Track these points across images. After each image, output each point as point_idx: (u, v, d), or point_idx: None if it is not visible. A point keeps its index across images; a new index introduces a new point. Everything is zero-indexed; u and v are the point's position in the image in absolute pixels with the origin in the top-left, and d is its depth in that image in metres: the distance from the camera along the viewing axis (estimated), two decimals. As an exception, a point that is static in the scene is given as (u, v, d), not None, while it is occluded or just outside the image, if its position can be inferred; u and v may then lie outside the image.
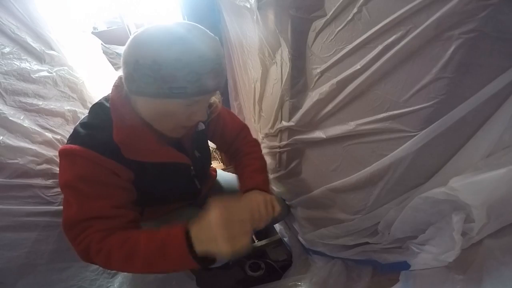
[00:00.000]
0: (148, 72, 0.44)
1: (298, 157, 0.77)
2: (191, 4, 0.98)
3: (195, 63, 0.44)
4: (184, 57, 0.43)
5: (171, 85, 0.44)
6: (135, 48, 0.45)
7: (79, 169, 0.48)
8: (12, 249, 0.58)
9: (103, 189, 0.50)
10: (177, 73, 0.43)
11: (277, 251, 1.06)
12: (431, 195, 0.42)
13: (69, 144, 0.50)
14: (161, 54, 0.43)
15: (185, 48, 0.44)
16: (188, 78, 0.44)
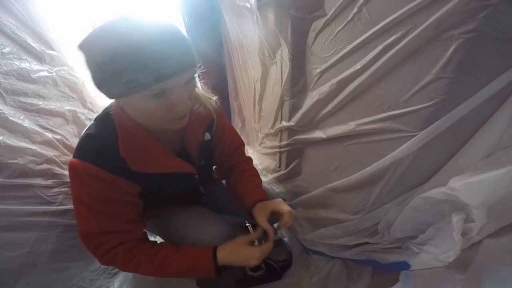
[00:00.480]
0: (101, 75, 0.42)
1: (298, 157, 0.77)
2: (191, 4, 0.98)
3: (133, 51, 0.40)
4: (120, 49, 0.40)
5: (122, 80, 0.41)
6: (84, 54, 0.43)
7: (90, 188, 0.50)
8: (12, 249, 0.58)
9: (114, 206, 0.52)
10: (120, 67, 0.40)
11: (277, 251, 1.06)
12: (431, 195, 0.42)
13: (78, 159, 0.49)
14: (101, 53, 0.41)
15: (119, 38, 0.40)
16: (133, 68, 0.40)
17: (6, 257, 0.56)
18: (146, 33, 0.41)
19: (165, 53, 0.42)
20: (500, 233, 0.38)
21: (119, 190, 0.52)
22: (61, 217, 0.68)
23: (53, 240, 0.65)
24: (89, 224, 0.52)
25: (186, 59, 0.45)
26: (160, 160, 0.56)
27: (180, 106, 0.47)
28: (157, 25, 0.43)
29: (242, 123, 1.26)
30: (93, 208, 0.51)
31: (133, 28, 0.41)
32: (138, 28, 0.41)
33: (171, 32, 0.43)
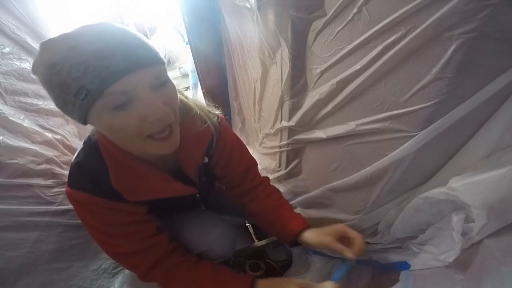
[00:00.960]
0: (53, 93, 0.38)
1: (298, 157, 0.77)
2: (191, 4, 0.98)
3: (70, 55, 0.35)
4: (57, 57, 0.36)
5: (71, 93, 0.36)
6: (37, 77, 0.41)
7: (98, 215, 0.48)
8: (12, 249, 0.58)
9: (128, 228, 0.51)
10: (62, 77, 0.36)
11: (277, 251, 1.06)
12: (431, 195, 0.42)
13: (75, 190, 0.47)
14: (42, 69, 0.38)
15: (56, 48, 0.37)
16: (74, 73, 0.35)
17: (6, 257, 0.56)
18: (83, 34, 0.37)
19: (107, 50, 0.36)
20: (500, 233, 0.38)
21: (126, 214, 0.50)
22: (61, 217, 0.68)
23: (53, 240, 0.65)
24: (112, 246, 0.51)
25: (139, 54, 0.38)
26: (158, 186, 0.53)
27: (153, 114, 0.39)
28: (95, 26, 0.38)
29: (242, 123, 1.26)
30: (109, 233, 0.50)
31: (69, 35, 0.37)
32: (74, 33, 0.37)
33: (112, 30, 0.38)
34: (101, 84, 0.36)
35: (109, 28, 0.38)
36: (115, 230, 0.50)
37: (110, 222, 0.49)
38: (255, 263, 1.01)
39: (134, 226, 0.52)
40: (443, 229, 0.43)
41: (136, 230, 0.52)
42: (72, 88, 0.36)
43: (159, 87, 0.40)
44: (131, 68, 0.37)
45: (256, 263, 1.01)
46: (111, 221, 0.49)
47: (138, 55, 0.38)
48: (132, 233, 0.51)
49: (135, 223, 0.52)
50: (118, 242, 0.50)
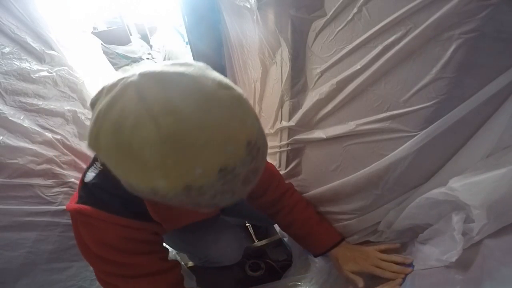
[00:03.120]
0: (154, 198, 0.30)
1: (298, 157, 0.77)
2: (191, 4, 0.98)
3: (220, 182, 0.28)
4: (199, 181, 0.27)
5: (193, 206, 0.32)
6: (111, 165, 0.29)
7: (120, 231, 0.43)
8: (12, 249, 0.58)
9: (146, 245, 0.47)
10: (195, 201, 0.30)
11: (277, 251, 1.06)
12: (431, 195, 0.42)
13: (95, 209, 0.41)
14: (159, 186, 0.27)
15: (191, 162, 0.26)
16: (216, 201, 0.30)
17: (6, 257, 0.56)
18: (235, 149, 0.27)
19: (257, 170, 0.33)
20: (500, 233, 0.38)
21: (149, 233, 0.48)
22: (61, 217, 0.67)
23: (53, 240, 0.65)
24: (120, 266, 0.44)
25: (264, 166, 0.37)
26: (191, 212, 0.53)
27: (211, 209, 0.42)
28: (243, 130, 0.29)
29: (242, 123, 1.25)
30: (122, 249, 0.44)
31: (213, 138, 0.26)
32: (222, 137, 0.27)
33: (261, 136, 0.32)
34: (231, 203, 0.33)
35: (254, 132, 0.30)
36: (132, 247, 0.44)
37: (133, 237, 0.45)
38: (255, 263, 1.01)
39: (150, 245, 0.49)
40: (444, 229, 0.43)
41: (152, 249, 0.49)
42: (199, 205, 0.31)
43: None
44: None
45: (256, 263, 1.01)
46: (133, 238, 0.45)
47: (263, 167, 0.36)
48: (148, 252, 0.47)
49: (155, 244, 0.50)
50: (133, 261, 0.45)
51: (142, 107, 0.25)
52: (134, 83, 0.26)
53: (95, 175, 0.44)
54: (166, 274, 0.48)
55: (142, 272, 0.46)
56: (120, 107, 0.26)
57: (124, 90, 0.26)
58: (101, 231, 0.43)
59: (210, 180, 0.27)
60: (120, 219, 0.43)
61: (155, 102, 0.25)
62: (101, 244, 0.43)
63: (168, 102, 0.25)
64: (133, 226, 0.44)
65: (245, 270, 0.99)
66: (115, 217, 0.42)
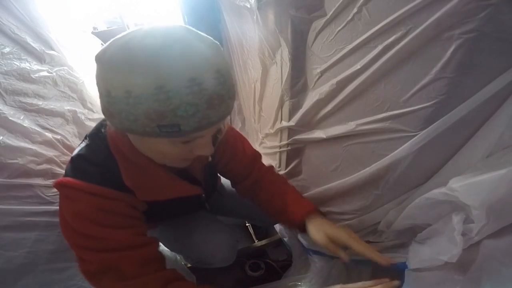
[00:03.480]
0: (125, 107, 0.33)
1: (298, 157, 0.77)
2: (191, 4, 0.98)
3: (187, 90, 0.32)
4: (170, 84, 0.31)
5: (158, 123, 0.34)
6: (103, 73, 0.35)
7: (96, 202, 0.44)
8: (12, 249, 0.57)
9: (121, 219, 0.47)
10: (162, 108, 0.32)
11: (277, 251, 1.06)
12: (431, 196, 0.42)
13: (75, 179, 0.43)
14: (136, 82, 0.32)
15: (168, 67, 0.32)
16: (180, 112, 0.33)
17: (6, 257, 0.56)
18: (205, 66, 0.34)
19: (218, 98, 0.35)
20: (501, 234, 0.38)
21: (126, 205, 0.48)
22: (61, 217, 0.67)
23: (53, 240, 0.65)
24: (96, 240, 0.44)
25: (230, 107, 0.39)
26: (167, 186, 0.53)
27: (203, 150, 0.42)
28: (213, 47, 0.36)
29: (242, 123, 1.26)
30: (96, 221, 0.44)
31: (195, 50, 0.33)
32: (196, 61, 0.33)
33: (227, 71, 0.36)
34: (195, 130, 0.36)
35: (225, 67, 0.36)
36: (104, 218, 0.44)
37: (109, 209, 0.45)
38: (255, 263, 1.01)
39: (131, 220, 0.49)
40: (441, 230, 0.43)
41: (127, 224, 0.48)
42: (164, 121, 0.34)
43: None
44: (222, 120, 0.39)
45: (256, 263, 1.01)
46: (109, 209, 0.45)
47: (229, 108, 0.39)
48: (122, 226, 0.47)
49: (133, 218, 0.49)
50: (105, 235, 0.44)
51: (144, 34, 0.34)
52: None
53: (80, 149, 0.48)
54: (140, 248, 0.47)
55: (115, 246, 0.45)
56: (130, 36, 0.35)
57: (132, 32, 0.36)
58: (78, 203, 0.44)
59: (179, 85, 0.32)
60: (96, 187, 0.44)
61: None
62: (77, 216, 0.44)
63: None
64: (108, 196, 0.45)
65: (245, 270, 0.99)
66: (91, 186, 0.43)
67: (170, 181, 0.53)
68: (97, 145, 0.47)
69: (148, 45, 0.33)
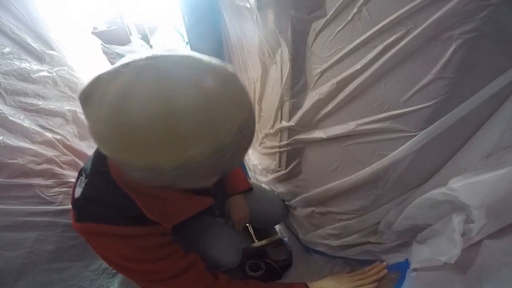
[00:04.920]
0: (145, 175, 0.32)
1: (298, 157, 0.77)
2: (191, 4, 0.98)
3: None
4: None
5: (175, 184, 0.35)
6: (122, 137, 0.29)
7: (131, 242, 0.45)
8: (12, 249, 0.58)
9: (162, 250, 0.49)
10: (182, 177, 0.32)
11: (277, 251, 1.06)
12: (431, 196, 0.42)
13: (99, 224, 0.42)
14: (159, 161, 0.29)
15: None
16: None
17: (6, 257, 0.56)
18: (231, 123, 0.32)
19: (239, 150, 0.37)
20: (501, 234, 0.38)
21: (154, 236, 0.48)
22: (61, 217, 0.68)
23: (53, 240, 0.65)
24: (153, 274, 0.47)
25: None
26: (186, 207, 0.54)
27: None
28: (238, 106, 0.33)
29: (242, 123, 1.25)
30: (142, 259, 0.46)
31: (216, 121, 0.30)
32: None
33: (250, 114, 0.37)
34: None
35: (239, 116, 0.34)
36: (148, 255, 0.46)
37: (141, 246, 0.46)
38: (255, 263, 1.01)
39: (166, 248, 0.50)
40: (443, 230, 0.43)
41: (169, 252, 0.50)
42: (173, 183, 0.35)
43: None
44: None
45: (256, 263, 1.01)
46: (142, 245, 0.46)
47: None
48: (166, 255, 0.49)
49: (166, 245, 0.50)
50: (153, 267, 0.47)
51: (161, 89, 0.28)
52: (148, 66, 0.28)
53: (83, 189, 0.45)
54: (191, 269, 0.51)
55: (169, 275, 0.48)
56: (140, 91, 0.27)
57: (138, 74, 0.28)
58: (116, 247, 0.44)
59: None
60: (125, 229, 0.44)
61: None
62: (122, 257, 0.45)
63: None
64: (140, 234, 0.45)
65: (245, 270, 0.99)
66: (119, 228, 0.43)
67: (187, 201, 0.54)
68: (103, 185, 0.44)
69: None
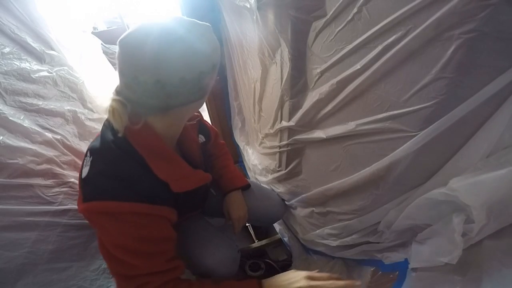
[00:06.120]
0: (152, 89, 0.41)
1: (298, 157, 0.77)
2: (191, 4, 0.98)
3: (200, 76, 0.43)
4: (188, 75, 0.41)
5: (176, 99, 0.43)
6: (131, 59, 0.40)
7: (129, 229, 0.45)
8: (12, 249, 0.58)
9: (157, 245, 0.49)
10: (181, 89, 0.42)
11: (277, 251, 1.06)
12: (431, 196, 0.42)
13: (104, 201, 0.44)
14: (165, 74, 0.40)
15: (188, 64, 0.41)
16: (194, 90, 0.44)
17: (6, 257, 0.56)
18: (209, 52, 0.44)
19: (216, 67, 0.47)
20: (501, 234, 0.38)
21: (159, 223, 0.49)
22: (61, 217, 0.68)
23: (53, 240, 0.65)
24: (129, 268, 0.47)
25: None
26: (190, 175, 0.56)
27: (198, 109, 0.54)
28: (212, 41, 0.46)
29: (242, 123, 1.26)
30: (135, 251, 0.46)
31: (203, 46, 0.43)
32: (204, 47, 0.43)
33: (218, 47, 0.47)
34: (201, 97, 0.48)
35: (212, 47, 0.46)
36: (143, 247, 0.47)
37: (141, 235, 0.46)
38: (255, 263, 1.01)
39: (162, 242, 0.50)
40: (443, 230, 0.43)
41: (163, 248, 0.50)
42: (174, 98, 0.43)
43: None
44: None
45: (256, 263, 1.01)
46: (142, 234, 0.46)
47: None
48: (158, 252, 0.49)
49: (163, 240, 0.51)
50: (139, 262, 0.47)
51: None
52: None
53: (90, 166, 0.47)
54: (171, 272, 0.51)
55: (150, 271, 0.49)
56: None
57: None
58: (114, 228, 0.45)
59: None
60: (127, 206, 0.44)
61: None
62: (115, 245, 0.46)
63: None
64: (145, 212, 0.46)
65: (245, 270, 0.99)
66: (121, 205, 0.44)
67: (191, 172, 0.56)
68: (112, 154, 0.47)
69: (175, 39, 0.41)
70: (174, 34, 0.40)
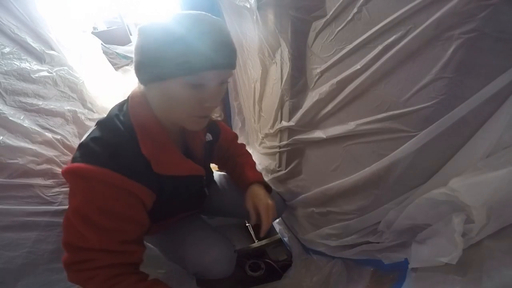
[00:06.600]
0: (154, 53, 0.44)
1: (298, 157, 0.77)
2: (191, 4, 0.98)
3: (195, 38, 0.44)
4: (182, 35, 0.44)
5: (176, 61, 0.44)
6: (140, 36, 0.46)
7: (98, 197, 0.45)
8: (12, 249, 0.57)
9: (119, 222, 0.48)
10: (179, 49, 0.43)
11: (277, 251, 1.06)
12: (431, 196, 0.42)
13: (85, 164, 0.44)
14: (162, 37, 0.44)
15: (184, 27, 0.45)
16: (190, 52, 0.44)
17: (6, 257, 0.56)
18: (210, 24, 0.47)
19: (221, 46, 0.46)
20: (501, 234, 0.38)
21: (127, 199, 0.48)
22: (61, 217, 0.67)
23: (53, 240, 0.65)
24: (81, 239, 0.47)
25: (233, 58, 0.49)
26: (178, 162, 0.56)
27: (211, 102, 0.48)
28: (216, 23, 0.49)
29: (242, 123, 1.26)
30: (93, 222, 0.45)
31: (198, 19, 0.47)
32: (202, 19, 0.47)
33: (226, 32, 0.50)
34: (204, 67, 0.44)
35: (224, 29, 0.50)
36: (104, 221, 0.46)
37: (108, 208, 0.46)
38: (255, 263, 1.01)
39: (127, 221, 0.49)
40: (443, 230, 0.43)
41: (125, 227, 0.49)
42: (179, 59, 0.44)
43: (222, 84, 0.49)
44: (225, 67, 0.47)
45: (256, 263, 1.01)
46: (109, 207, 0.46)
47: (232, 59, 0.49)
48: (119, 230, 0.48)
49: (130, 220, 0.49)
50: (94, 236, 0.46)
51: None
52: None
53: (89, 133, 0.50)
54: (119, 254, 0.50)
55: (99, 247, 0.48)
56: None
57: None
58: (90, 195, 0.45)
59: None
60: (108, 173, 0.45)
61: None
62: (77, 202, 0.46)
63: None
64: (119, 185, 0.46)
65: (245, 270, 0.99)
66: (104, 171, 0.44)
67: (181, 159, 0.57)
68: (113, 124, 0.50)
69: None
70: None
